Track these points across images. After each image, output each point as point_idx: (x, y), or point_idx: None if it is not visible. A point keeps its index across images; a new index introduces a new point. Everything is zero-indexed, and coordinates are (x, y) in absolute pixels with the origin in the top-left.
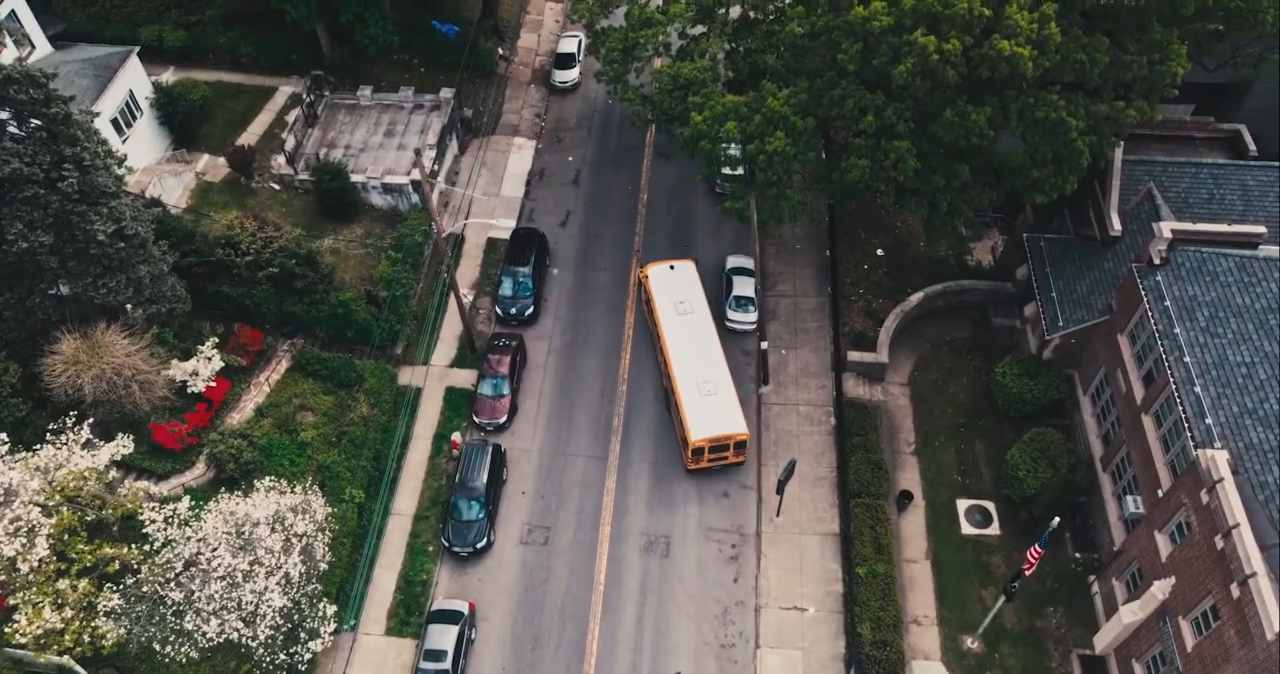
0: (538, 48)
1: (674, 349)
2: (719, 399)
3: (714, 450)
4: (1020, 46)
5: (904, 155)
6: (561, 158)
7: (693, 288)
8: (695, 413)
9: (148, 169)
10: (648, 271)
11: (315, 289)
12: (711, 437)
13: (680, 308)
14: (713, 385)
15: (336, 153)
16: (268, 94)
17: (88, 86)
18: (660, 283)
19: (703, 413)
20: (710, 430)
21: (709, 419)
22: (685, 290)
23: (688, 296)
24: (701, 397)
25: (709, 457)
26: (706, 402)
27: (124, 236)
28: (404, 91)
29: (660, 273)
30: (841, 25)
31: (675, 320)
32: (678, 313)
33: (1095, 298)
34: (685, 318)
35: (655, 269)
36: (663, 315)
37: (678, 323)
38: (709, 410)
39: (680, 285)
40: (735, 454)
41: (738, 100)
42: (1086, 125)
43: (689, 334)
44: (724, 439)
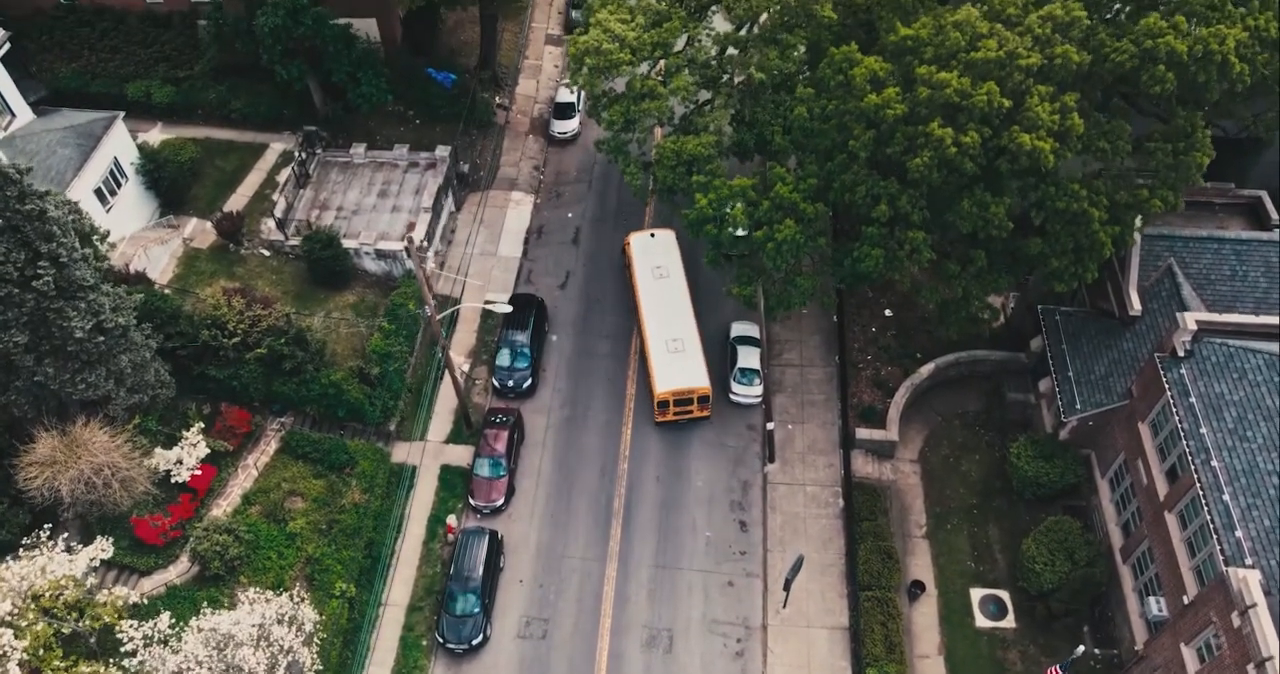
0: (536, 95)
1: (647, 309)
2: (685, 356)
3: (679, 403)
4: (1041, 139)
5: (919, 246)
6: (561, 214)
7: (670, 254)
8: (662, 368)
9: (133, 238)
10: (630, 239)
11: (305, 369)
12: (675, 389)
13: (657, 272)
14: (681, 344)
15: (329, 215)
16: (258, 151)
17: (70, 157)
18: (640, 249)
19: (669, 368)
20: (674, 384)
21: (674, 374)
22: (663, 256)
23: (664, 262)
24: (669, 353)
25: (674, 410)
26: (674, 358)
27: (103, 330)
28: (398, 149)
29: (641, 239)
30: (853, 110)
31: (651, 283)
32: (654, 277)
33: (1114, 380)
34: (661, 281)
35: (637, 236)
36: (640, 279)
37: (654, 285)
38: (675, 366)
39: (658, 252)
40: (700, 408)
41: (744, 183)
42: (1109, 215)
43: (663, 297)
44: (687, 392)
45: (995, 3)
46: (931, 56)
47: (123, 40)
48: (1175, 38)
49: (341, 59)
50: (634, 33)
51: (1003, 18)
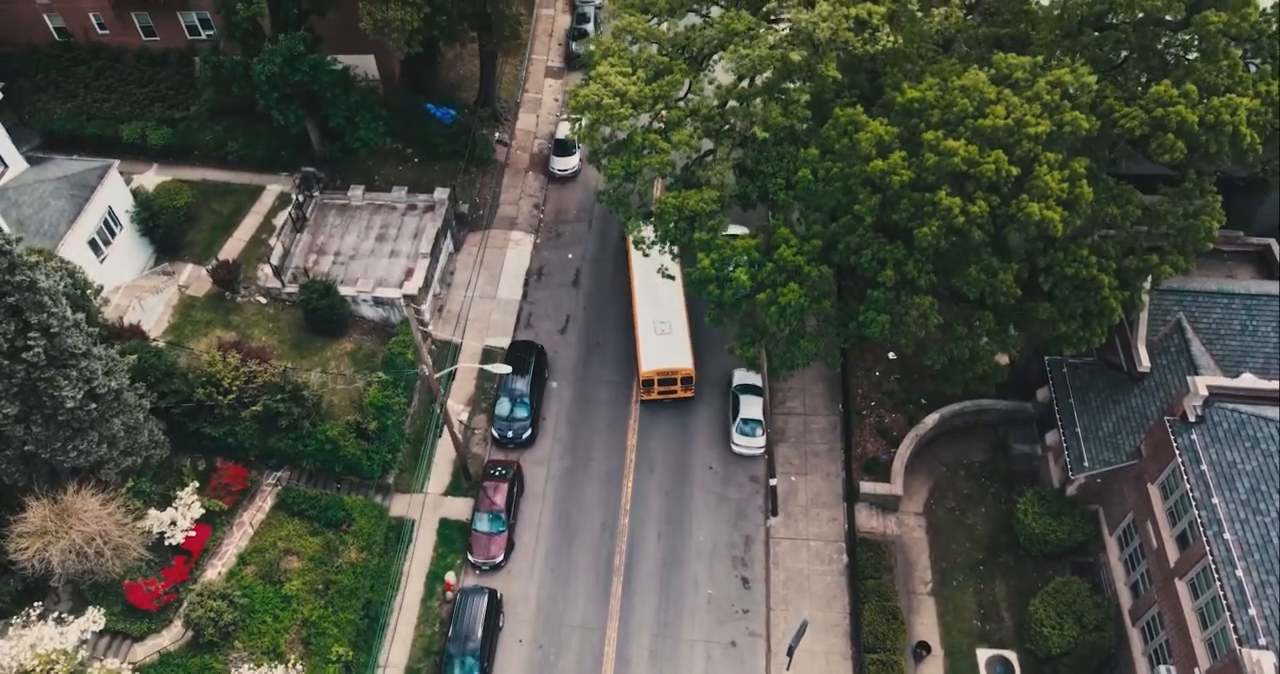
0: (536, 130)
1: (640, 292)
2: (672, 338)
3: (663, 383)
4: (1050, 209)
5: (926, 312)
6: (561, 254)
7: None
8: (648, 348)
9: (129, 288)
10: None
11: (301, 425)
12: (659, 369)
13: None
14: (668, 327)
15: (326, 260)
16: (255, 194)
17: (63, 209)
18: None
19: (655, 349)
20: (658, 364)
21: (659, 354)
22: None
23: None
24: (656, 335)
25: (659, 388)
26: (660, 339)
27: (95, 396)
28: (397, 191)
29: None
30: (858, 173)
31: (645, 267)
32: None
33: (1123, 438)
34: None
35: None
36: (635, 264)
37: (648, 269)
38: (661, 347)
39: None
40: (683, 388)
41: (747, 244)
42: (1118, 280)
43: (655, 280)
44: (670, 373)
45: (1002, 66)
46: (938, 120)
47: (118, 79)
48: (1186, 107)
49: (339, 104)
50: (635, 87)
51: (1010, 81)
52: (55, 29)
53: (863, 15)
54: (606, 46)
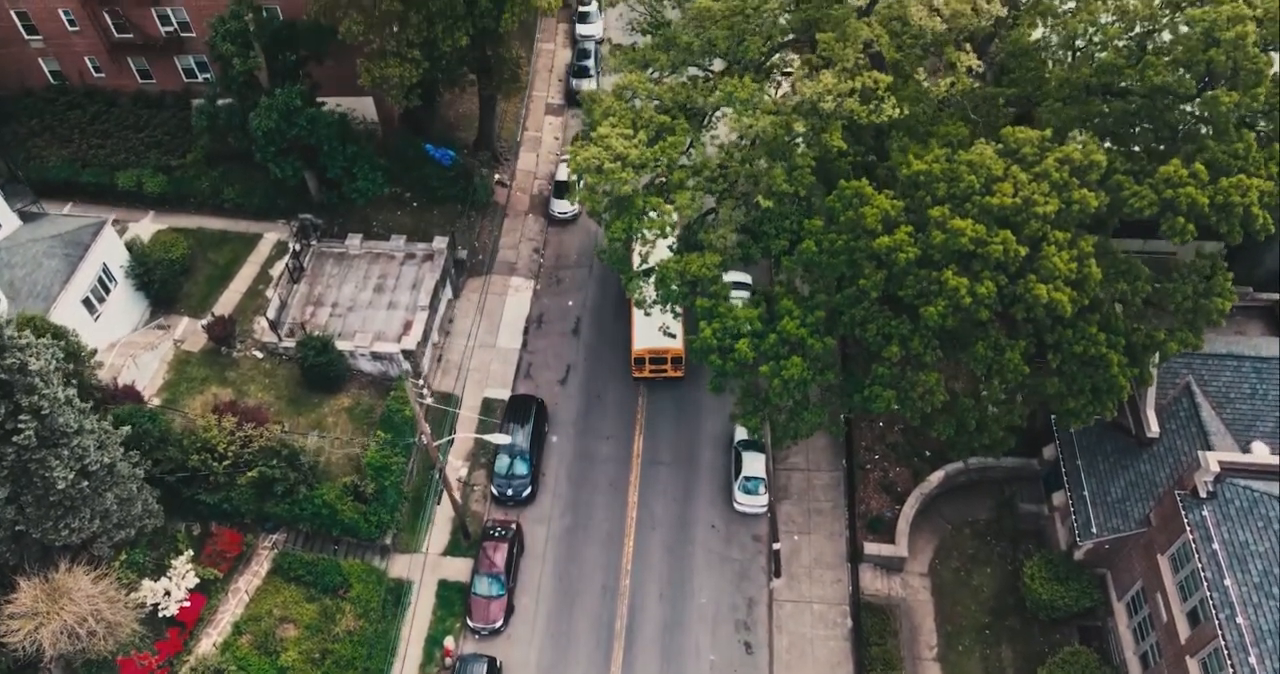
0: (536, 169)
1: None
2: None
3: (654, 362)
4: (1059, 290)
5: (932, 388)
6: (561, 301)
7: None
8: (641, 328)
9: (123, 345)
10: None
11: (298, 490)
12: (651, 348)
13: None
14: None
15: (323, 312)
16: (252, 242)
17: (57, 269)
18: None
19: (648, 329)
20: (650, 343)
21: (652, 334)
22: None
23: None
24: (648, 317)
25: (650, 367)
26: (653, 320)
27: (88, 473)
28: (395, 239)
29: None
30: (863, 248)
31: None
32: None
33: (1131, 505)
34: None
35: None
36: None
37: None
38: (653, 327)
39: None
40: (674, 368)
41: (750, 314)
42: (1127, 357)
43: None
44: (661, 351)
45: (1010, 140)
46: (944, 194)
47: (114, 124)
48: (1196, 188)
49: (336, 155)
50: (636, 150)
51: (1018, 156)
52: (50, 72)
53: (868, 84)
54: (607, 107)
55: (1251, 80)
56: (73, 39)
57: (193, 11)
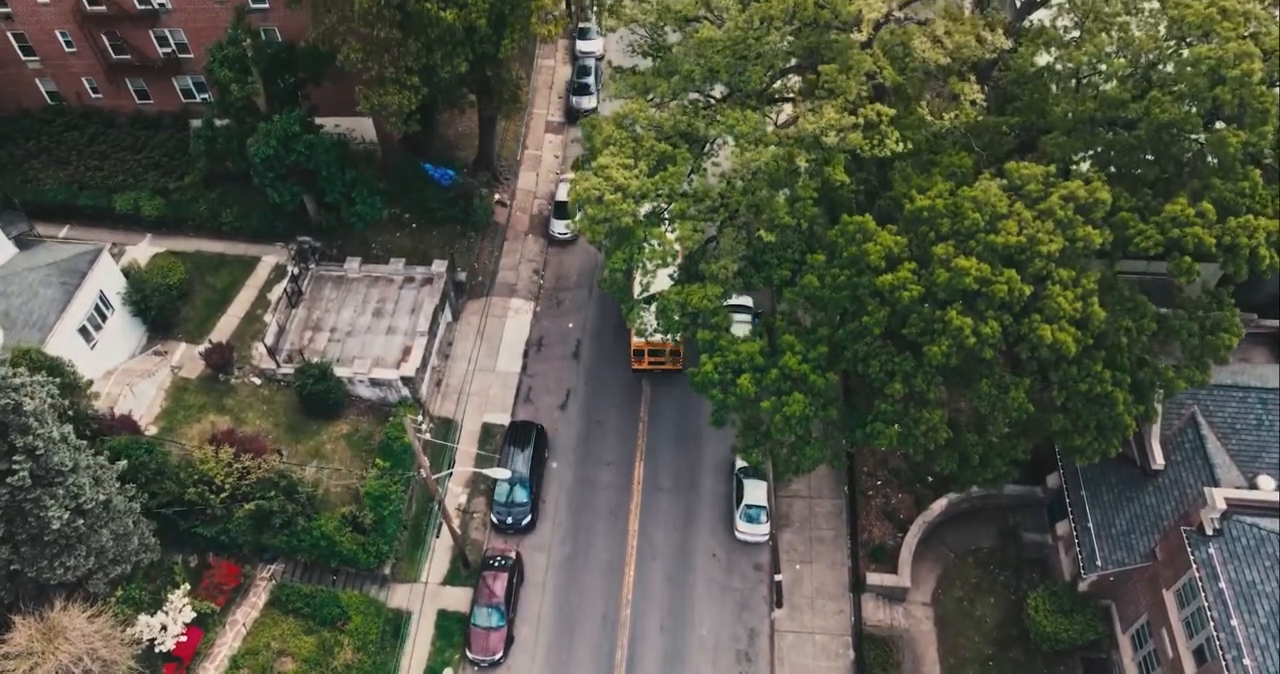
0: (536, 189)
1: None
2: None
3: (652, 355)
4: (1063, 329)
5: (936, 426)
6: (561, 323)
7: None
8: None
9: (121, 372)
10: None
11: (296, 521)
12: (650, 341)
13: None
14: None
15: (321, 337)
16: (250, 266)
17: (53, 298)
18: None
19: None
20: None
21: None
22: None
23: None
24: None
25: (649, 359)
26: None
27: (83, 511)
28: (394, 263)
29: None
30: (866, 284)
31: None
32: None
33: (1136, 538)
34: None
35: None
36: None
37: None
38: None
39: None
40: (672, 361)
41: (752, 349)
42: (1133, 395)
43: None
44: (660, 345)
45: (1015, 176)
46: (948, 230)
47: (111, 146)
48: (1203, 228)
49: (335, 181)
50: (637, 181)
51: (1022, 193)
52: (48, 93)
53: (871, 118)
54: (608, 135)
55: (1258, 119)
56: (70, 60)
57: (190, 33)
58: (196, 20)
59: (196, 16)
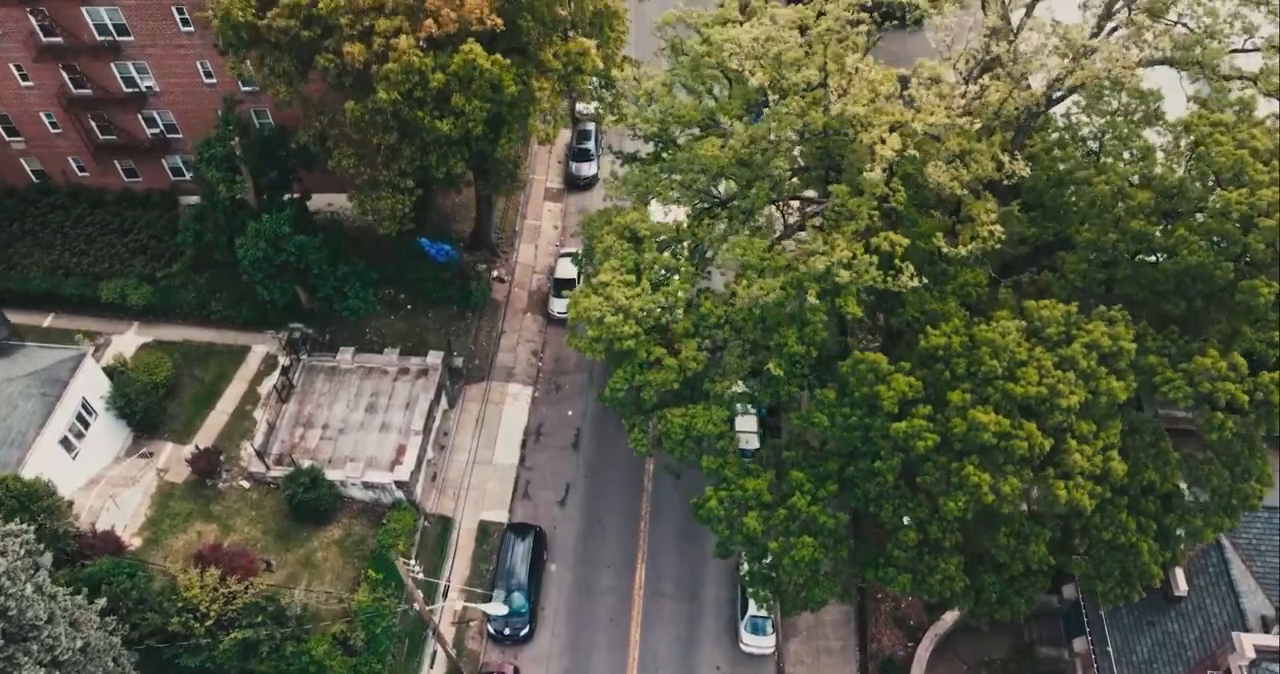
0: (535, 262)
1: None
2: None
3: None
4: (1078, 489)
5: (952, 575)
6: (560, 411)
7: None
8: None
9: (105, 482)
10: None
11: (284, 648)
12: None
13: None
14: None
15: (313, 434)
16: (240, 356)
17: (33, 411)
18: None
19: None
20: None
21: None
22: None
23: None
24: None
25: None
26: None
27: (59, 664)
28: (388, 354)
29: None
30: (879, 428)
31: None
32: None
33: (1159, 667)
34: None
35: None
36: None
37: None
38: None
39: None
40: None
41: (759, 486)
42: (1159, 542)
43: None
44: None
45: (1034, 317)
46: (964, 372)
47: (98, 228)
48: (1235, 384)
49: (327, 277)
50: (639, 300)
51: (1042, 336)
52: (33, 172)
53: (884, 247)
54: (608, 246)
55: None
56: (55, 141)
57: (180, 115)
58: (185, 102)
59: (185, 98)
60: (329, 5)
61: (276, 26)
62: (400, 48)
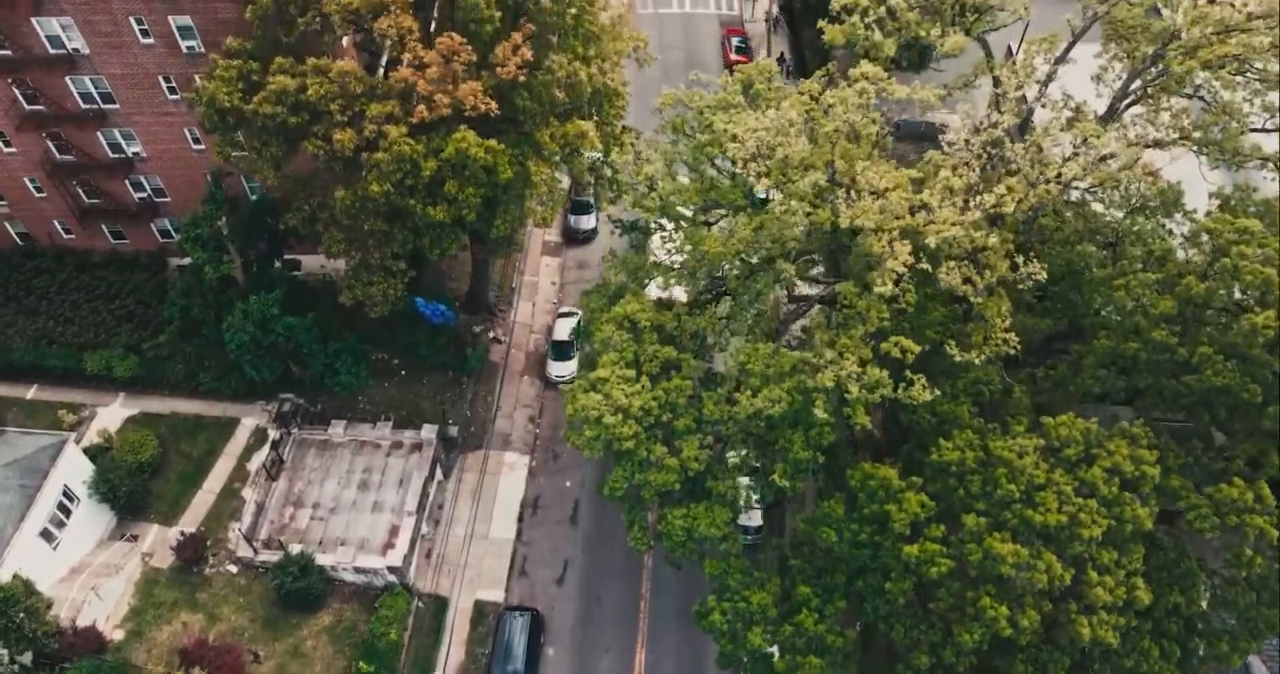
0: (532, 322)
1: None
2: None
3: None
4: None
5: None
6: (558, 482)
7: None
8: None
9: (86, 574)
10: None
11: None
12: None
13: None
14: None
15: (303, 514)
16: (228, 429)
17: (12, 504)
18: None
19: None
20: None
21: None
22: None
23: None
24: None
25: None
26: None
27: None
28: (381, 427)
29: None
30: (890, 548)
31: None
32: None
33: None
34: None
35: None
36: None
37: None
38: None
39: None
40: None
41: (764, 600)
42: (1183, 670)
43: None
44: None
45: (1053, 435)
46: (979, 490)
47: (84, 294)
48: (1264, 518)
49: (317, 355)
50: (639, 400)
51: (1061, 456)
52: (17, 234)
53: (894, 353)
54: (607, 337)
55: None
56: (40, 205)
57: (167, 180)
58: (173, 168)
59: (173, 164)
60: (318, 91)
61: (263, 112)
62: (391, 137)
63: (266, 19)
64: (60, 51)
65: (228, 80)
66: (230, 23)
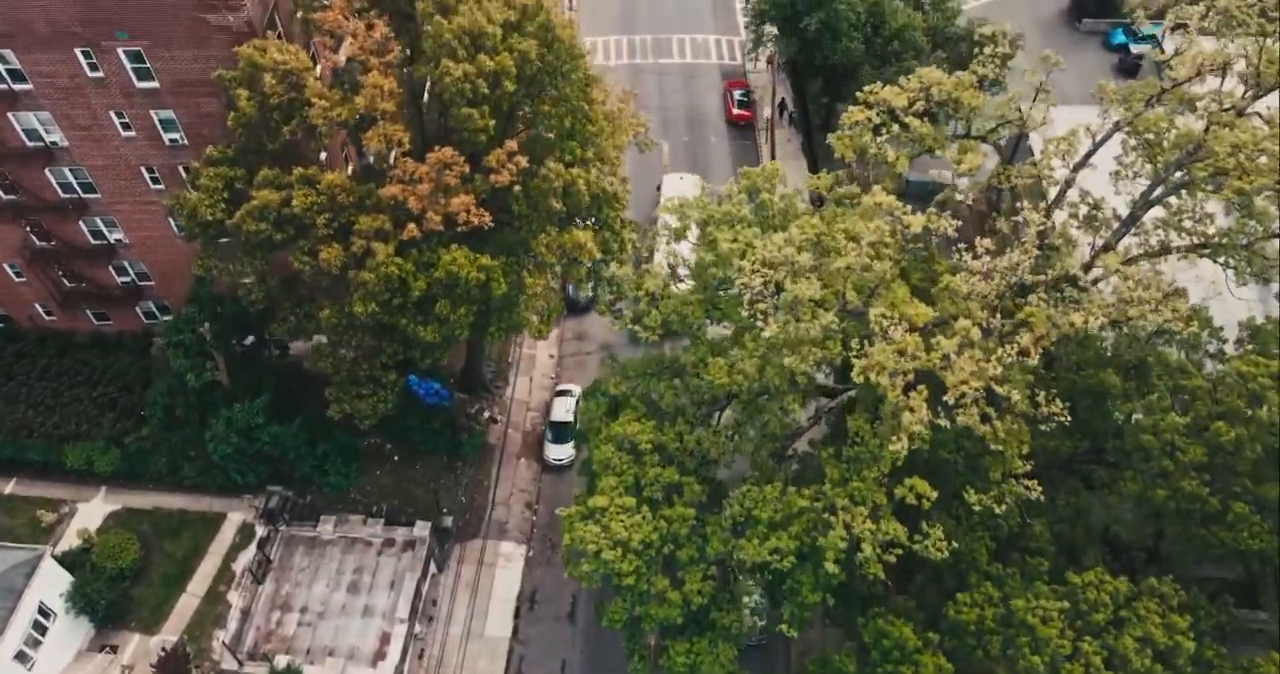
0: (530, 399)
1: None
2: None
3: None
4: None
5: None
6: (556, 574)
7: None
8: None
9: None
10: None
11: None
12: None
13: None
14: None
15: (291, 619)
16: (214, 526)
17: None
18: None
19: None
20: None
21: None
22: None
23: None
24: None
25: None
26: None
27: None
28: (373, 524)
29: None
30: None
31: None
32: None
33: None
34: None
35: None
36: None
37: None
38: None
39: None
40: None
41: None
42: None
43: None
44: None
45: (1081, 600)
46: (998, 652)
47: (66, 380)
48: None
49: (306, 458)
50: (640, 532)
51: (1088, 620)
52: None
53: (909, 498)
54: (606, 458)
55: None
56: (20, 289)
57: (151, 265)
58: (157, 253)
59: (157, 249)
60: (304, 202)
61: (247, 229)
62: (379, 258)
63: (250, 126)
64: (38, 144)
65: (211, 191)
66: (214, 116)
